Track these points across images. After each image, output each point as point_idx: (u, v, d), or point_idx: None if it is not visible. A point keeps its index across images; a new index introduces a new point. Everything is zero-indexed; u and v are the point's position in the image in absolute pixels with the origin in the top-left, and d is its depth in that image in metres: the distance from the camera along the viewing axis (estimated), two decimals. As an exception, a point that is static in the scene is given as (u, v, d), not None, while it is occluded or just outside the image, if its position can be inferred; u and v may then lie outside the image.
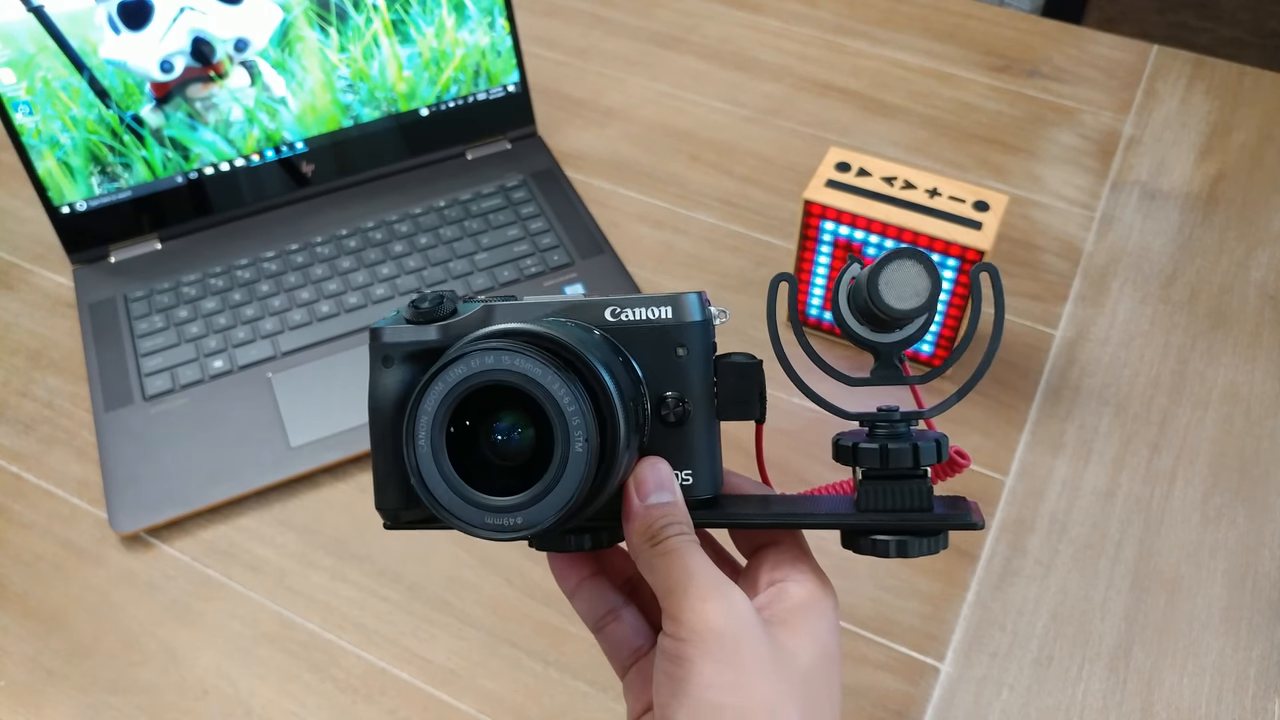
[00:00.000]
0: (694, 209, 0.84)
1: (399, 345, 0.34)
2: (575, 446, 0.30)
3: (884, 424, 0.34)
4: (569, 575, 0.38)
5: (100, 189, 0.77)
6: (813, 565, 0.35)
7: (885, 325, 0.34)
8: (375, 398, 0.34)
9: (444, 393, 0.30)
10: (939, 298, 0.31)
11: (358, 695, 0.58)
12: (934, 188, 0.67)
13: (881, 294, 0.31)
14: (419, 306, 0.34)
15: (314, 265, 0.78)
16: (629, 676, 0.37)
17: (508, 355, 0.30)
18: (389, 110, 0.83)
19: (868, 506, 0.34)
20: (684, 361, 0.34)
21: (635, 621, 0.38)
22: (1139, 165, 0.88)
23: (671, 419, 0.34)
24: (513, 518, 0.30)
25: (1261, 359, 0.73)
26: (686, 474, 0.35)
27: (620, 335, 0.34)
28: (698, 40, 1.01)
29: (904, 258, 0.31)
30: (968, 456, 0.35)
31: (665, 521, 0.33)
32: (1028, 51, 0.99)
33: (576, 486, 0.30)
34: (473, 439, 0.32)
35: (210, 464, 0.67)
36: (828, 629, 0.33)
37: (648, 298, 0.34)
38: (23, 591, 0.63)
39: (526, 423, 0.32)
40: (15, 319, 0.78)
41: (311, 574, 0.63)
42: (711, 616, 0.31)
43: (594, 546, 0.36)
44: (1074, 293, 0.78)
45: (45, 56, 0.72)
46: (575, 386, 0.30)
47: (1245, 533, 0.64)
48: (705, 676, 0.30)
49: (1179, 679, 0.58)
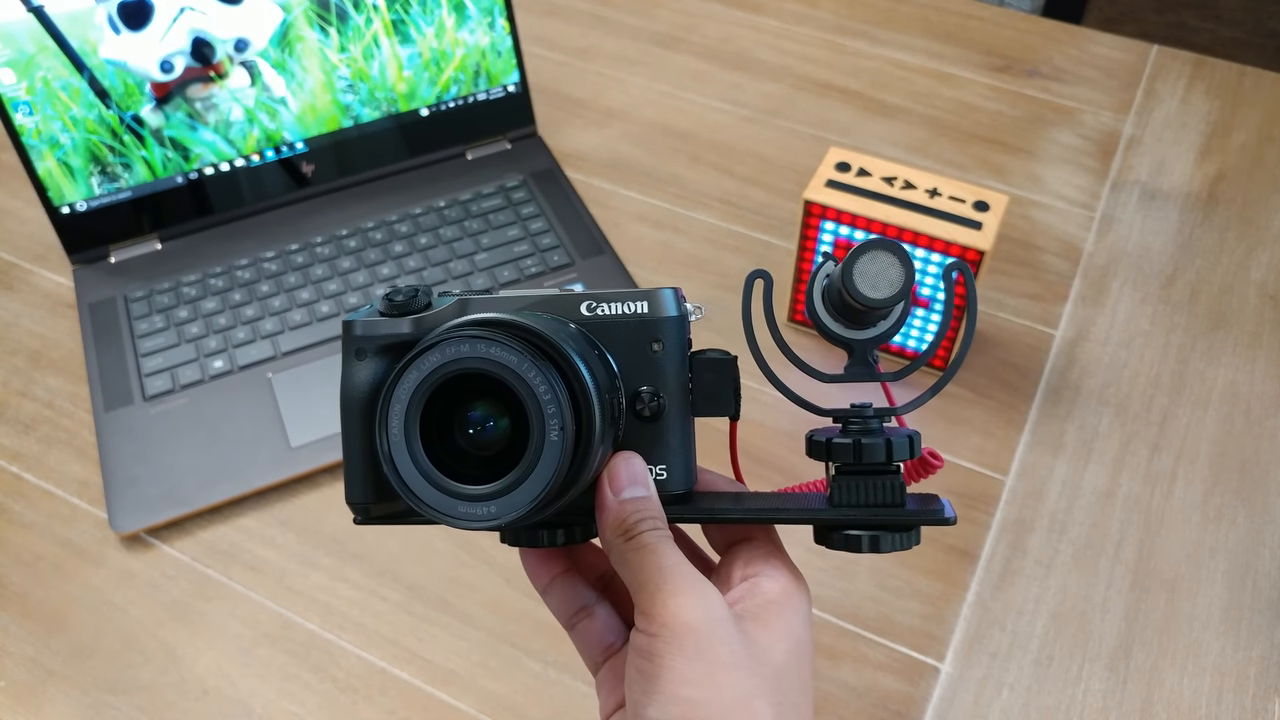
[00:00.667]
0: (694, 209, 0.84)
1: (372, 338, 0.34)
2: (550, 435, 0.30)
3: (857, 420, 0.34)
4: (541, 572, 0.38)
5: (100, 189, 0.77)
6: (786, 560, 0.35)
7: (859, 320, 0.34)
8: (347, 391, 0.34)
9: (418, 380, 0.30)
10: (911, 288, 0.31)
11: (358, 695, 0.58)
12: (934, 188, 0.67)
13: (856, 283, 0.32)
14: (393, 299, 0.34)
15: (314, 265, 0.78)
16: (601, 673, 0.37)
17: (483, 343, 0.30)
18: (389, 110, 0.83)
19: (841, 501, 0.34)
20: (659, 357, 0.34)
21: (608, 618, 0.38)
22: (1139, 165, 0.88)
23: (647, 413, 0.34)
24: (486, 507, 0.30)
25: (1261, 359, 0.73)
26: (661, 469, 0.35)
27: (596, 330, 0.34)
28: (698, 40, 1.01)
29: (877, 248, 0.32)
30: (940, 457, 0.36)
31: (639, 517, 0.33)
32: (1028, 51, 0.99)
33: (551, 476, 0.30)
34: (446, 429, 0.32)
35: (210, 464, 0.67)
36: (800, 624, 0.33)
37: (624, 292, 0.34)
38: (23, 591, 0.63)
39: (500, 413, 0.32)
40: (15, 319, 0.78)
41: (311, 574, 0.63)
42: (684, 612, 0.31)
43: (566, 542, 0.36)
44: (1074, 293, 0.78)
45: (45, 56, 0.72)
46: (551, 375, 0.30)
47: (1245, 533, 0.64)
48: (677, 672, 0.30)
49: (1179, 679, 0.58)
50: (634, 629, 0.32)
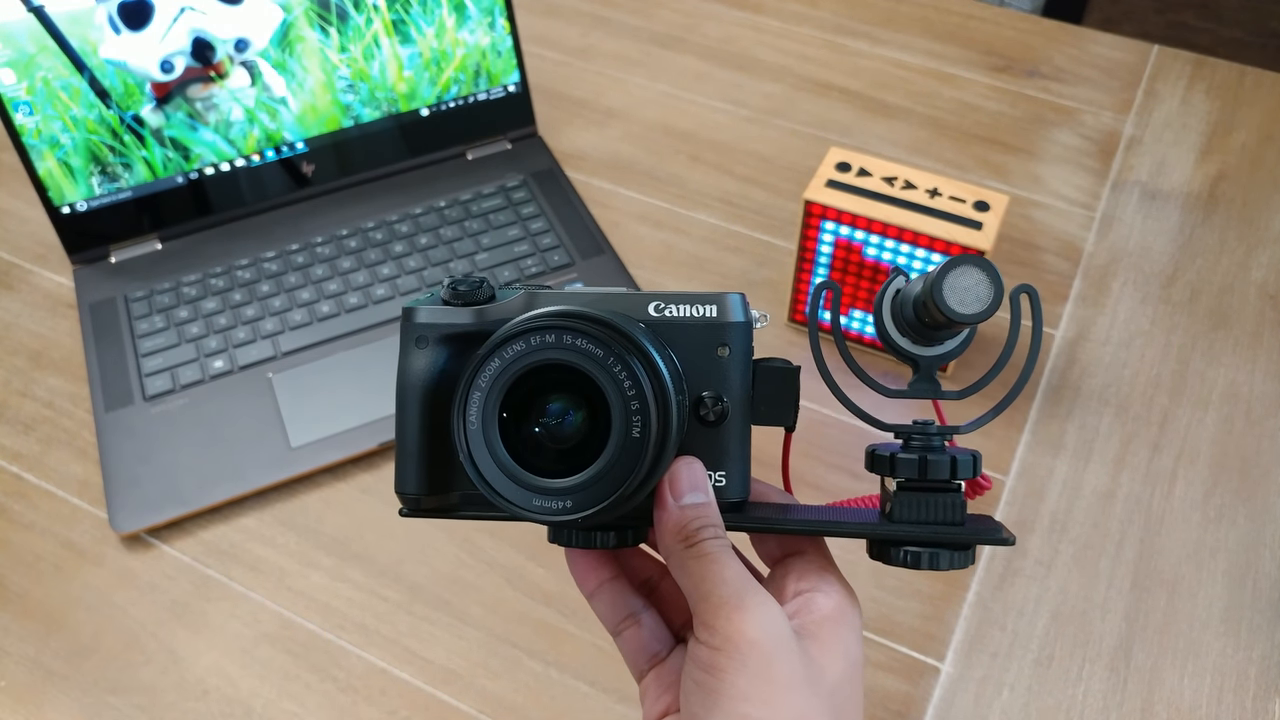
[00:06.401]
0: (694, 209, 0.84)
1: (434, 326, 0.33)
2: (633, 432, 0.29)
3: (919, 436, 0.34)
4: (590, 577, 0.37)
5: (100, 189, 0.77)
6: (839, 576, 0.35)
7: (929, 338, 0.34)
8: (405, 379, 0.33)
9: (500, 369, 0.30)
10: (1000, 305, 0.31)
11: (358, 695, 0.58)
12: (934, 188, 0.67)
13: (945, 299, 0.31)
14: (457, 289, 0.33)
15: (314, 265, 0.78)
16: (646, 680, 0.37)
17: (569, 335, 0.29)
18: (389, 110, 0.83)
19: (901, 518, 0.33)
20: (725, 362, 0.34)
21: (655, 627, 0.37)
22: (1139, 165, 0.88)
23: (711, 418, 0.34)
24: (562, 501, 0.30)
25: (1262, 359, 0.73)
26: (720, 475, 0.34)
27: (662, 331, 0.34)
28: (698, 40, 1.01)
29: (968, 264, 0.31)
30: (990, 481, 0.36)
31: (700, 524, 0.32)
32: (1028, 51, 0.99)
33: (631, 473, 0.29)
34: (518, 421, 0.31)
35: (210, 464, 0.67)
36: (854, 641, 0.33)
37: (692, 295, 0.34)
38: (23, 591, 0.63)
39: (577, 406, 0.32)
40: (15, 319, 0.78)
41: (311, 574, 0.63)
42: (749, 628, 0.30)
43: (618, 545, 0.35)
44: (1074, 293, 0.78)
45: (45, 56, 0.72)
46: (637, 370, 0.29)
47: (1245, 533, 0.64)
48: (740, 689, 0.30)
49: (1179, 679, 0.58)
50: (693, 639, 0.32)
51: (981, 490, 0.36)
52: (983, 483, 0.35)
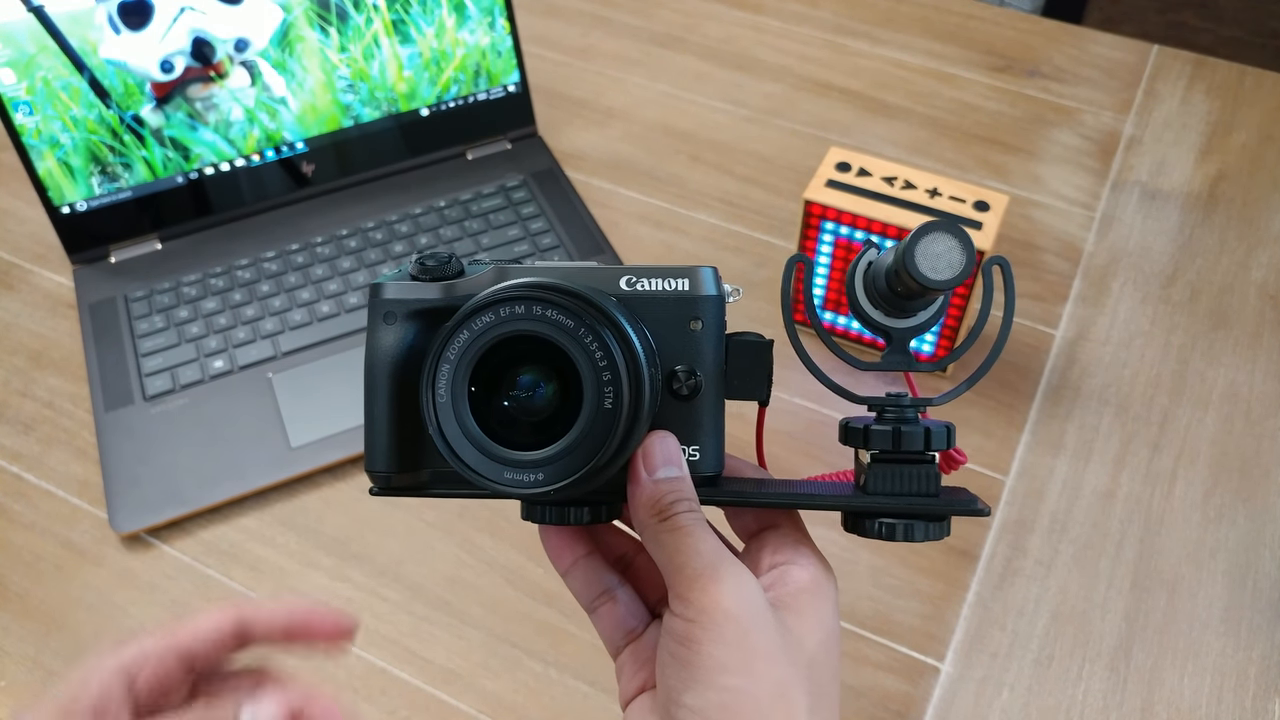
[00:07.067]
0: (694, 209, 0.84)
1: (402, 302, 0.32)
2: (605, 403, 0.29)
3: (893, 409, 0.34)
4: (565, 553, 0.37)
5: (100, 189, 0.77)
6: (814, 549, 0.35)
7: (902, 308, 0.34)
8: (373, 355, 0.33)
9: (469, 341, 0.29)
10: (972, 272, 0.31)
11: (358, 695, 0.58)
12: (934, 188, 0.67)
13: (917, 264, 0.31)
14: (425, 264, 0.33)
15: (314, 265, 0.78)
16: (622, 657, 0.37)
17: (539, 306, 0.29)
18: (389, 110, 0.83)
19: (876, 489, 0.33)
20: (698, 335, 0.33)
21: (630, 602, 0.37)
22: (1139, 165, 0.88)
23: (684, 392, 0.33)
24: (534, 474, 0.30)
25: (1261, 359, 0.73)
26: (694, 450, 0.34)
27: (634, 304, 0.33)
28: (698, 40, 1.01)
29: (940, 230, 0.31)
30: (964, 454, 0.36)
31: (674, 497, 0.32)
32: (1028, 51, 0.99)
33: (604, 444, 0.29)
34: (489, 394, 0.31)
35: (210, 464, 0.67)
36: (831, 612, 0.33)
37: (664, 268, 0.33)
38: (23, 591, 0.63)
39: (548, 378, 0.31)
40: (15, 319, 0.78)
41: (311, 574, 0.63)
42: (724, 599, 0.30)
43: (592, 520, 0.35)
44: (1074, 293, 0.78)
45: (45, 56, 0.72)
46: (609, 341, 0.29)
47: (1245, 533, 0.64)
48: (716, 660, 0.30)
49: (1179, 679, 0.58)
50: (667, 612, 0.32)
51: (956, 464, 0.35)
52: (957, 456, 0.35)
